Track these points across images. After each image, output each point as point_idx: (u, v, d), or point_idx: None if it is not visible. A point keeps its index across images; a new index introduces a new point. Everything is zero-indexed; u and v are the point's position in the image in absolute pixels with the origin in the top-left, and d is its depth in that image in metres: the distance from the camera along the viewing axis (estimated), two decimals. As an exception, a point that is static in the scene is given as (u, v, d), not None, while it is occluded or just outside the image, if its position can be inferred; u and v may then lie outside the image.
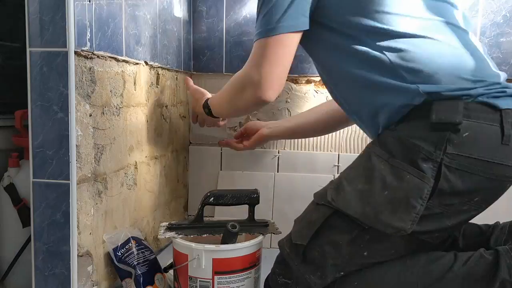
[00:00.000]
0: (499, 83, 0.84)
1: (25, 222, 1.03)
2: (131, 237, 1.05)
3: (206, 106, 1.13)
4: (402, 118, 0.85)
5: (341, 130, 1.49)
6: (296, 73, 1.49)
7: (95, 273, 0.96)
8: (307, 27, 0.90)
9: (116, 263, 0.99)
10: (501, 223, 0.97)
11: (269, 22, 0.89)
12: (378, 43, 0.85)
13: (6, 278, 1.06)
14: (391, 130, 0.86)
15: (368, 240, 0.86)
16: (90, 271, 0.95)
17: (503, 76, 0.88)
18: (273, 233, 1.06)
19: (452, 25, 0.89)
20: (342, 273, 0.88)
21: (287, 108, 1.51)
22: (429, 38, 0.85)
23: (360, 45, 0.87)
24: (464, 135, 0.79)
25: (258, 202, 1.09)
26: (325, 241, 0.87)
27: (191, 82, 1.28)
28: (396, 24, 0.85)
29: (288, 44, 0.91)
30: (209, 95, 1.18)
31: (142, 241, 1.08)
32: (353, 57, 0.88)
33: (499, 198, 0.87)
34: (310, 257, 0.89)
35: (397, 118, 0.86)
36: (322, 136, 1.49)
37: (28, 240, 0.99)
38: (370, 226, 0.84)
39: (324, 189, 0.93)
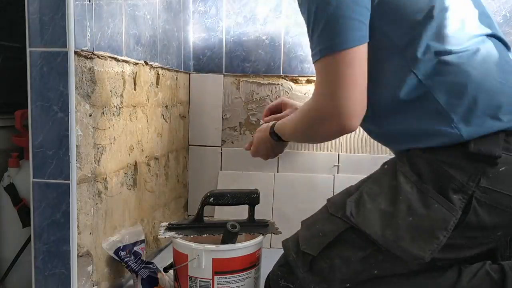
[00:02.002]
0: None
1: (25, 222, 1.03)
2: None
3: (274, 133, 1.01)
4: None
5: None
6: (296, 73, 1.49)
7: (95, 273, 0.96)
8: (369, 38, 0.80)
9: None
10: None
11: (330, 36, 0.77)
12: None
13: (6, 278, 1.06)
14: (423, 152, 0.81)
15: (381, 260, 0.83)
16: (90, 271, 0.95)
17: None
18: (273, 233, 1.06)
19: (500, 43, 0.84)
20: (348, 285, 0.86)
21: (287, 108, 1.51)
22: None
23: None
24: (500, 169, 0.75)
25: (258, 202, 1.09)
26: (336, 255, 0.84)
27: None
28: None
29: (360, 58, 0.78)
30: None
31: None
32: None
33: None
34: (318, 268, 0.86)
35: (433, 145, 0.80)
36: (322, 136, 1.49)
37: (28, 240, 0.99)
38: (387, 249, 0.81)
39: (341, 198, 0.88)
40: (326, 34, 0.77)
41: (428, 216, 0.77)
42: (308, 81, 1.49)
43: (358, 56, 0.78)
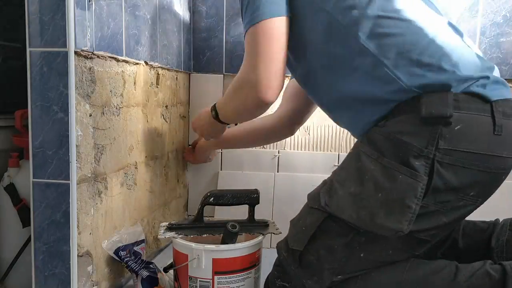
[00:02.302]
0: (487, 77, 0.81)
1: (25, 222, 1.03)
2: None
3: (213, 108, 1.07)
4: (390, 112, 0.82)
5: (341, 130, 1.49)
6: (296, 73, 1.49)
7: (95, 273, 0.96)
8: (287, 13, 0.87)
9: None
10: (500, 220, 0.95)
11: (252, 11, 0.86)
12: (360, 32, 0.82)
13: (6, 278, 1.06)
14: (380, 127, 0.83)
15: (364, 242, 0.84)
16: (90, 271, 0.95)
17: (496, 71, 0.85)
18: (273, 233, 1.06)
19: (437, 13, 0.87)
20: (340, 276, 0.86)
21: (287, 108, 1.51)
22: (418, 22, 0.82)
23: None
24: (456, 128, 0.77)
25: (258, 202, 1.09)
26: (320, 245, 0.86)
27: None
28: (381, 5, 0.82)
29: (277, 29, 0.86)
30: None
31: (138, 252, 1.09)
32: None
33: (499, 196, 0.86)
34: (306, 261, 0.87)
35: (384, 113, 0.83)
36: (322, 136, 1.49)
37: (28, 240, 0.99)
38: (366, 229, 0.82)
39: (316, 190, 0.91)
40: (249, 11, 0.87)
41: (395, 188, 0.79)
42: (308, 81, 1.49)
43: (275, 27, 0.86)
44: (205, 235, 1.04)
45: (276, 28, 0.86)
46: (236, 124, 1.31)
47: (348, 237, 0.84)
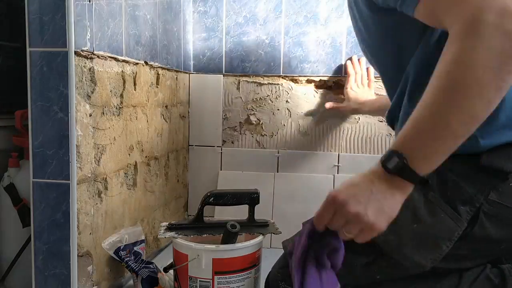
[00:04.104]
0: None
1: (25, 222, 1.03)
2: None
3: (394, 153, 0.63)
4: None
5: (341, 130, 1.49)
6: (296, 73, 1.49)
7: (95, 273, 0.96)
8: None
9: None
10: None
11: None
12: None
13: (6, 278, 1.06)
14: None
15: (384, 267, 0.82)
16: (90, 271, 0.95)
17: None
18: (273, 233, 1.06)
19: None
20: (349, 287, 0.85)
21: (287, 108, 1.51)
22: None
23: None
24: (511, 184, 0.74)
25: (258, 202, 1.09)
26: None
27: None
28: None
29: None
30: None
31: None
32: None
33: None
34: None
35: None
36: (322, 136, 1.49)
37: (28, 240, 0.99)
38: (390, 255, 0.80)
39: None
40: None
41: (433, 225, 0.76)
42: (308, 81, 1.49)
43: None
44: (205, 235, 1.04)
45: None
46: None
47: (369, 258, 0.82)
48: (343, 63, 1.46)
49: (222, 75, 1.54)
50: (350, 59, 1.45)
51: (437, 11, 0.61)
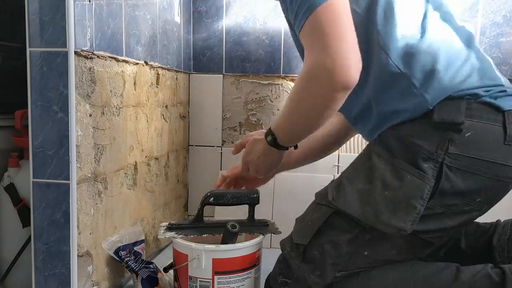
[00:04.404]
0: (501, 85, 0.83)
1: (25, 222, 1.03)
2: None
3: (269, 133, 0.91)
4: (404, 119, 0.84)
5: (341, 130, 1.49)
6: (296, 73, 1.49)
7: (95, 273, 0.96)
8: None
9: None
10: (502, 221, 0.96)
11: None
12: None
13: (6, 278, 1.06)
14: (392, 129, 0.85)
15: (368, 240, 0.85)
16: (90, 271, 0.95)
17: (504, 79, 0.87)
18: (273, 233, 1.06)
19: (452, 23, 0.88)
20: (342, 272, 0.87)
21: (287, 108, 1.51)
22: (432, 35, 0.83)
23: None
24: (466, 135, 0.79)
25: (258, 202, 1.09)
26: (325, 240, 0.87)
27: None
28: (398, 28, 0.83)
29: (343, 8, 0.76)
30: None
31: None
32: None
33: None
34: (310, 256, 0.88)
35: (399, 120, 0.85)
36: (322, 136, 1.50)
37: (28, 240, 0.99)
38: (371, 226, 0.83)
39: (325, 188, 0.93)
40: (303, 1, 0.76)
41: (402, 188, 0.80)
42: (308, 81, 1.49)
43: (340, 7, 0.76)
44: (205, 235, 1.04)
45: (342, 4, 0.76)
46: (295, 148, 1.00)
47: (353, 233, 0.85)
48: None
49: (222, 75, 1.54)
50: None
51: (303, 43, 0.79)
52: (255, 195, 1.08)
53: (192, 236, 1.03)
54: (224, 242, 0.99)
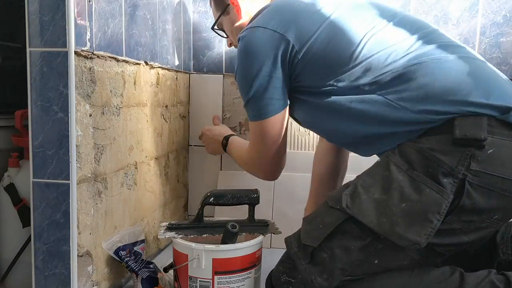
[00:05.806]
0: None
1: (25, 222, 1.03)
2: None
3: (226, 140, 1.28)
4: (423, 132, 0.84)
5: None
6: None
7: (95, 273, 0.96)
8: (287, 103, 0.99)
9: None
10: None
11: (259, 107, 0.97)
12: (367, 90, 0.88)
13: (6, 278, 1.06)
14: (413, 142, 0.84)
15: (380, 249, 0.84)
16: (90, 271, 0.95)
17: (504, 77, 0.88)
18: (273, 233, 1.06)
19: (448, 44, 0.89)
20: (349, 277, 0.86)
21: (287, 108, 1.51)
22: (430, 59, 0.85)
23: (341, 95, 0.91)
24: (488, 151, 0.78)
25: (258, 202, 1.09)
26: (336, 244, 0.86)
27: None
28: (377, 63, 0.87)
29: (281, 122, 0.99)
30: (230, 132, 1.35)
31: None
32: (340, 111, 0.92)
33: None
34: (319, 258, 0.87)
35: (416, 136, 0.85)
36: (322, 136, 1.50)
37: (28, 240, 0.99)
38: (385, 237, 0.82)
39: (338, 192, 0.90)
40: (252, 108, 0.99)
41: (420, 201, 0.79)
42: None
43: (280, 119, 0.99)
44: (205, 235, 1.04)
45: (282, 119, 0.99)
46: None
47: (365, 240, 0.84)
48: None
49: (222, 75, 1.54)
50: None
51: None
52: (255, 195, 1.08)
53: (192, 236, 1.03)
54: (224, 242, 0.99)
